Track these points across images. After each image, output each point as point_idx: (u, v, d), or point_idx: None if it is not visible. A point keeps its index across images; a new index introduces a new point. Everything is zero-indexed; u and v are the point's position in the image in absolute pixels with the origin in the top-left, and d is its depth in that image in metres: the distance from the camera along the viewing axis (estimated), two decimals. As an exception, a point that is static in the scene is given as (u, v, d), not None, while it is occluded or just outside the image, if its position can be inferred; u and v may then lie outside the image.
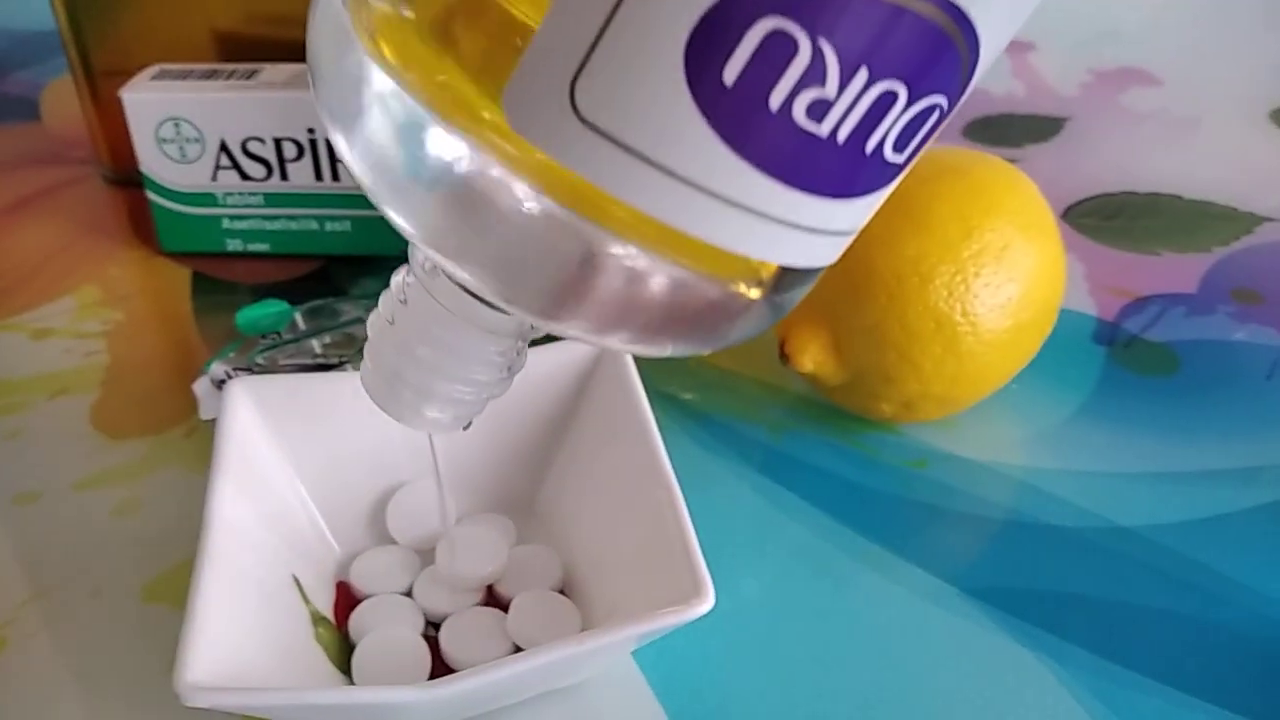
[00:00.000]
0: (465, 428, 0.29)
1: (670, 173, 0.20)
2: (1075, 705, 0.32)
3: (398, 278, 0.27)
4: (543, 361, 0.36)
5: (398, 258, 0.27)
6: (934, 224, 0.36)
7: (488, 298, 0.22)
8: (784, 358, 0.39)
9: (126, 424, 0.43)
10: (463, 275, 0.22)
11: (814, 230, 0.22)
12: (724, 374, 0.46)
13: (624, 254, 0.21)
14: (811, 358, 0.38)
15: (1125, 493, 0.40)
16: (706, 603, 0.27)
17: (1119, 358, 0.46)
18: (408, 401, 0.27)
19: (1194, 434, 0.42)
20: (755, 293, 0.23)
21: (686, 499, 0.29)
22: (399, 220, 0.22)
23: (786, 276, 0.23)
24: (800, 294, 0.25)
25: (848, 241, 0.24)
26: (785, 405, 0.45)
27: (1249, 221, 0.55)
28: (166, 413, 0.44)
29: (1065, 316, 0.47)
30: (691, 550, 0.29)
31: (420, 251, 0.25)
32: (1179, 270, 0.52)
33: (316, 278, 0.52)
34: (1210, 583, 0.36)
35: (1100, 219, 0.55)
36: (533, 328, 0.27)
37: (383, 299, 0.27)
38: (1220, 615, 0.35)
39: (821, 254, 0.23)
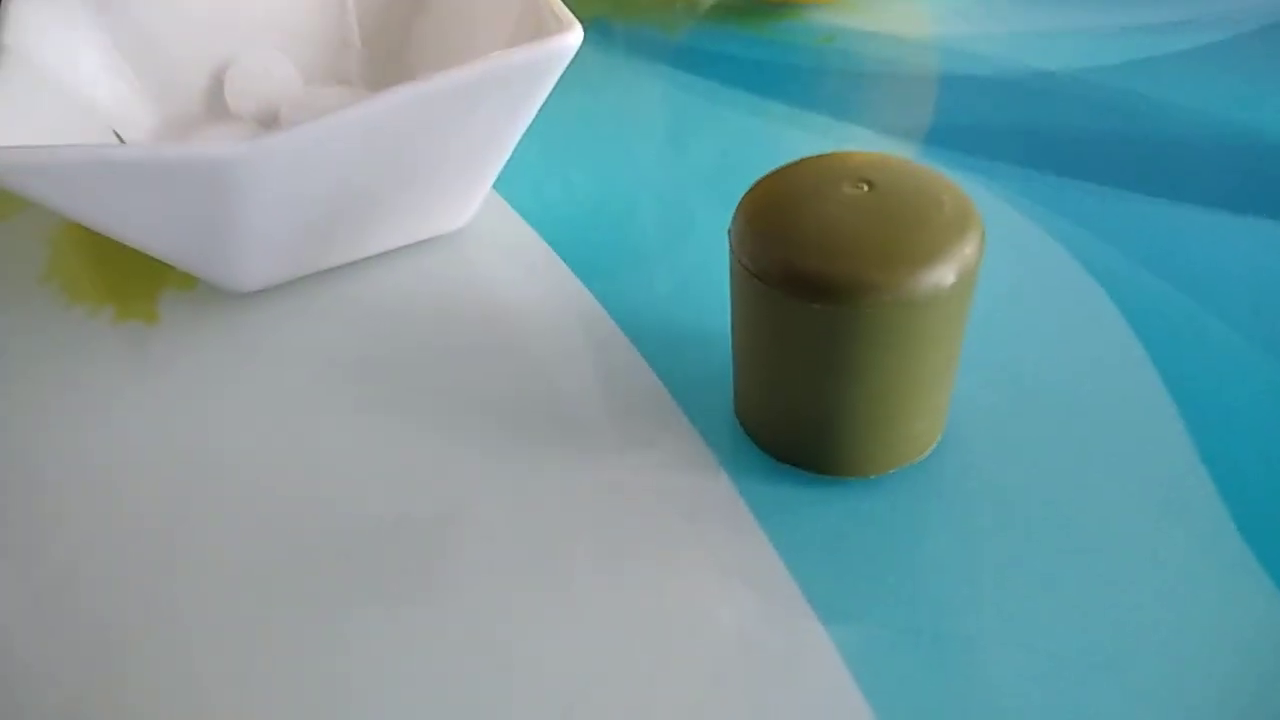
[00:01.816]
0: None
1: None
2: (1010, 208, 0.29)
3: None
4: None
5: None
6: None
7: None
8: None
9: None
10: None
11: None
12: (614, -7, 0.42)
13: None
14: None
15: (1051, 46, 0.36)
16: (574, 33, 0.23)
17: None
18: None
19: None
20: None
21: (599, 102, 0.25)
22: None
23: None
24: None
25: None
26: (686, 10, 0.41)
27: None
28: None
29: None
30: (550, 2, 0.25)
31: None
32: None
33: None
34: (1148, 107, 0.33)
35: None
36: None
37: None
38: (1161, 129, 0.32)
39: None
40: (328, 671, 0.19)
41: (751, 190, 0.21)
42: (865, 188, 0.20)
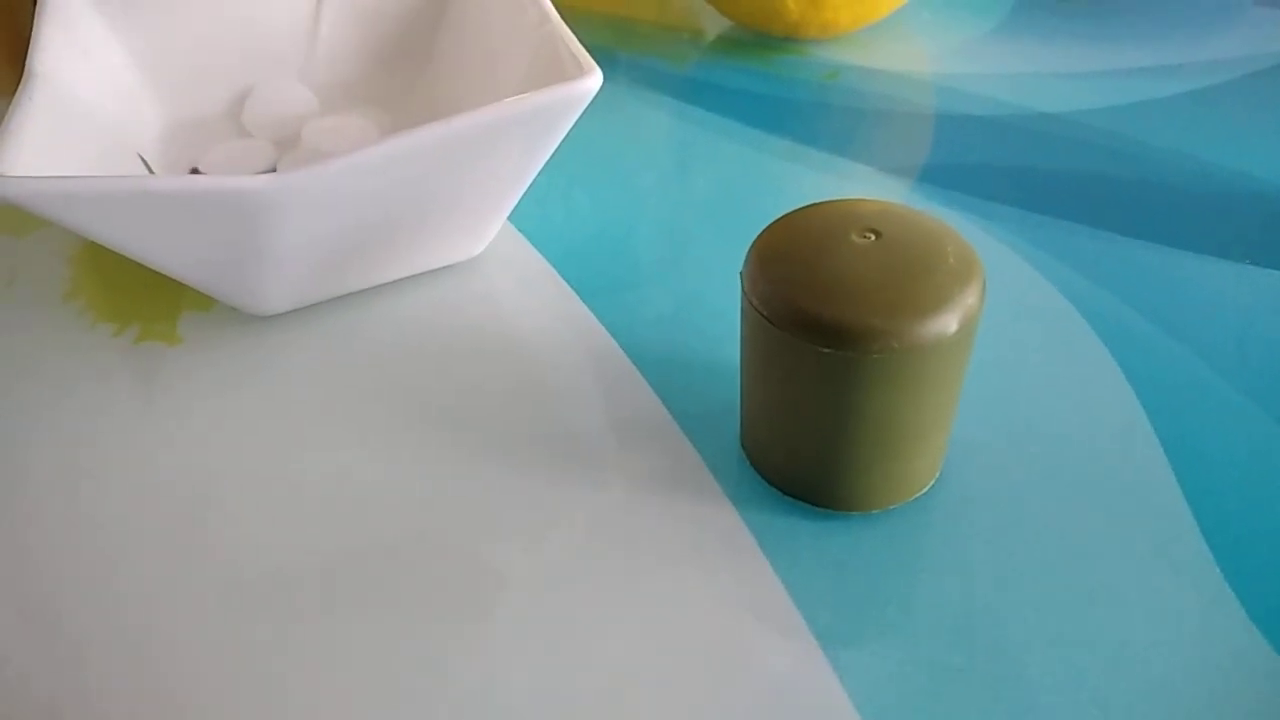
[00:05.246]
0: None
1: None
2: (1007, 250, 0.30)
3: None
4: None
5: None
6: None
7: None
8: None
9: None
10: None
11: None
12: (625, 20, 0.43)
13: None
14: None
15: (1049, 88, 0.38)
16: (594, 77, 0.24)
17: (1035, -14, 0.44)
18: None
19: (1116, 39, 0.40)
20: None
21: (605, 132, 0.26)
22: None
23: None
24: None
25: None
26: (691, 42, 0.42)
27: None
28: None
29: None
30: (569, 42, 0.26)
31: None
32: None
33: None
34: (1141, 151, 0.34)
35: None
36: None
37: None
38: (1153, 173, 0.33)
39: None
40: (329, 683, 0.20)
41: (763, 235, 0.22)
42: (873, 237, 0.21)
